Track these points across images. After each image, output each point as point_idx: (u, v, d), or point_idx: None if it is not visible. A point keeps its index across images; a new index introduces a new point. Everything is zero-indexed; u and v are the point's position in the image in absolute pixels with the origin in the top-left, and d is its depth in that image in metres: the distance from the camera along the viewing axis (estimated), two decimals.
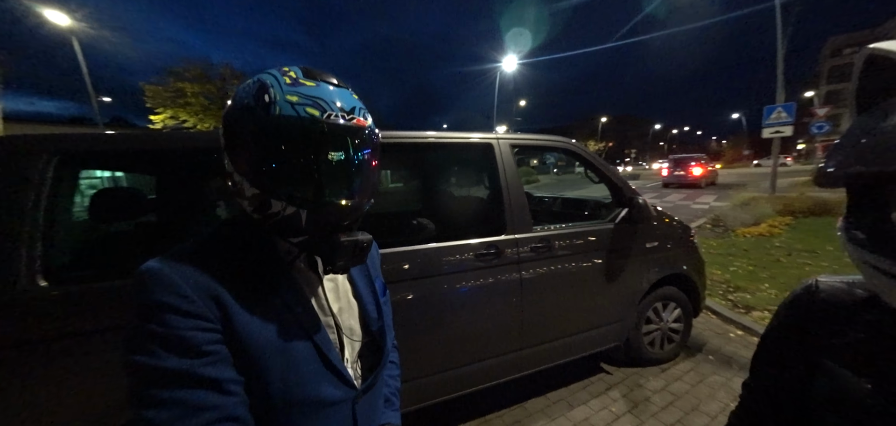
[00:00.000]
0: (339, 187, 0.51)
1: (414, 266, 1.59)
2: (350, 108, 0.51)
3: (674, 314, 2.45)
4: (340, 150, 0.51)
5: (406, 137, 1.72)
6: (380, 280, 0.71)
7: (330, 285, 0.60)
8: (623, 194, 2.21)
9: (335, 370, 0.53)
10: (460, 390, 1.79)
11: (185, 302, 0.43)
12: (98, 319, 1.12)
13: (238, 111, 0.49)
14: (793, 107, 8.93)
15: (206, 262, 0.48)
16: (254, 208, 0.51)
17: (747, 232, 6.10)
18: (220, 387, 0.43)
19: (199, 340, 0.43)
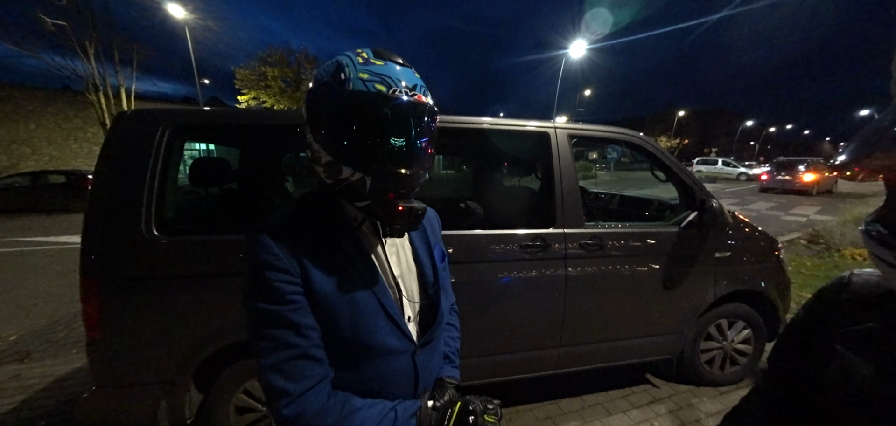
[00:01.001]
0: (398, 157, 0.57)
1: (459, 250, 1.63)
2: (412, 85, 0.57)
3: (741, 334, 2.19)
4: (401, 123, 0.57)
5: (460, 122, 1.74)
6: (439, 247, 0.78)
7: (391, 249, 0.68)
8: (694, 196, 1.99)
9: (394, 321, 0.61)
10: (494, 377, 1.83)
11: (277, 259, 0.53)
12: (195, 265, 1.37)
13: (318, 87, 0.57)
14: None
15: (291, 227, 0.57)
16: (328, 174, 0.59)
17: (858, 253, 5.09)
18: (300, 330, 0.53)
19: (286, 291, 0.53)
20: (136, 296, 1.33)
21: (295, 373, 0.52)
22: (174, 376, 1.41)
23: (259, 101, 20.16)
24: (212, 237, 1.41)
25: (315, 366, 0.54)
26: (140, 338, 1.35)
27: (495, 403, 0.65)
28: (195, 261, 1.38)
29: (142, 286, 1.33)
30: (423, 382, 0.66)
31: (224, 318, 1.40)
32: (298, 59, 21.29)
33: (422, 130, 0.59)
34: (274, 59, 20.21)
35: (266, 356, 0.52)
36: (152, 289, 1.34)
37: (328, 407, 0.54)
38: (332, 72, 0.55)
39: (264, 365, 0.52)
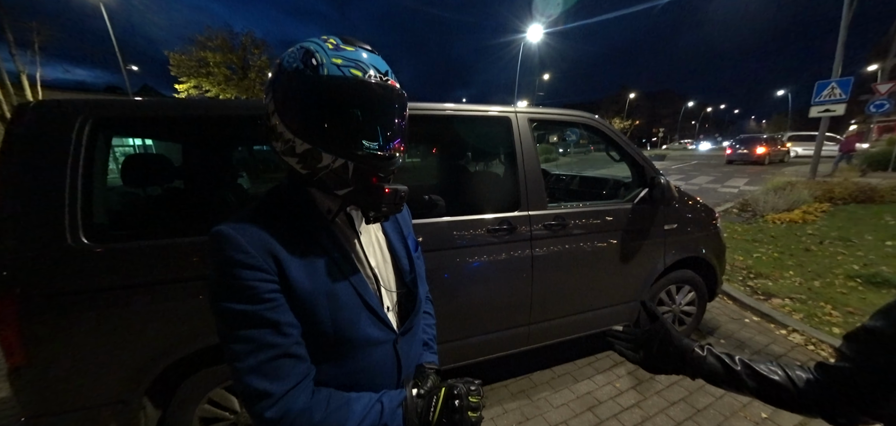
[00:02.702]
0: (380, 140, 0.57)
1: (429, 239, 1.64)
2: (384, 70, 0.57)
3: (687, 297, 2.42)
4: (381, 107, 0.57)
5: (424, 109, 1.72)
6: (412, 237, 0.79)
7: (367, 240, 0.67)
8: (645, 173, 2.14)
9: (375, 312, 0.61)
10: (469, 359, 1.87)
11: (248, 257, 0.51)
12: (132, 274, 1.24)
13: (287, 74, 0.54)
14: (849, 82, 8.07)
15: (262, 223, 0.55)
16: (304, 163, 0.56)
17: (778, 218, 5.80)
18: (279, 328, 0.51)
19: (261, 290, 0.51)
20: (65, 313, 1.17)
21: (276, 374, 0.50)
22: (124, 395, 1.29)
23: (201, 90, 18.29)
24: (156, 242, 1.28)
25: (297, 364, 0.53)
26: (77, 359, 1.21)
27: (477, 384, 0.67)
28: (137, 269, 1.24)
29: (72, 301, 1.18)
30: (405, 370, 0.67)
31: (178, 328, 1.29)
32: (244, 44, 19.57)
33: (396, 114, 0.59)
34: (215, 44, 18.31)
35: (243, 359, 0.50)
36: (86, 303, 1.19)
37: (313, 404, 0.53)
38: (301, 57, 0.54)
39: (241, 368, 0.50)
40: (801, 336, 2.54)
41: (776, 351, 2.40)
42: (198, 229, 1.32)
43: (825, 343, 2.43)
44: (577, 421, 1.88)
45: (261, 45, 20.16)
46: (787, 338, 2.55)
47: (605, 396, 2.04)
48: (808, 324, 2.66)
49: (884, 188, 6.72)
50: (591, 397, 2.03)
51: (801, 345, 2.48)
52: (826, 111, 8.33)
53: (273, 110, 0.56)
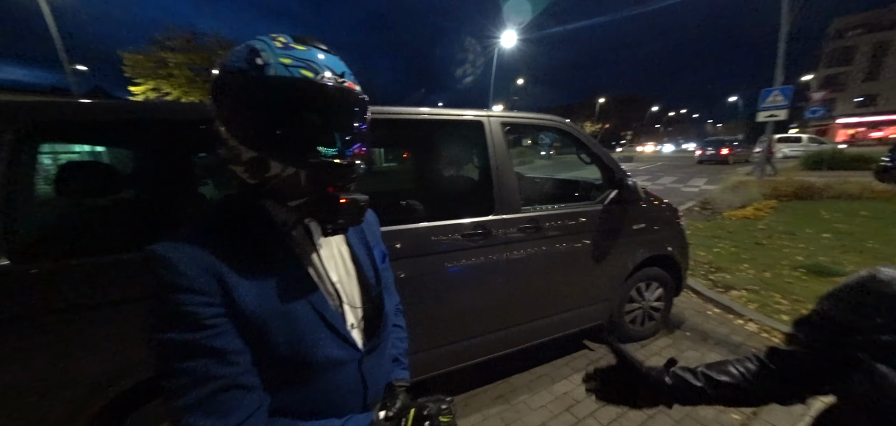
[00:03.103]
0: (335, 145, 0.53)
1: (405, 245, 1.60)
2: (340, 72, 0.53)
3: (656, 293, 2.52)
4: (336, 110, 0.53)
5: (400, 113, 1.68)
6: (379, 247, 0.75)
7: (327, 253, 0.62)
8: (614, 175, 2.21)
9: (336, 331, 0.57)
10: (448, 367, 1.84)
11: (187, 279, 0.46)
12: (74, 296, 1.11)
13: (229, 76, 0.50)
14: (790, 90, 8.91)
15: (206, 240, 0.50)
16: (251, 173, 0.52)
17: (734, 214, 6.22)
18: (224, 357, 0.46)
19: (202, 314, 0.46)
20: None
21: (222, 409, 0.45)
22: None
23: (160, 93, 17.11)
24: (98, 259, 1.15)
25: (246, 395, 0.48)
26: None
27: (448, 401, 0.64)
28: (74, 291, 1.11)
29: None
30: (372, 391, 0.63)
31: (122, 356, 1.17)
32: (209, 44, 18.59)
33: (355, 118, 0.55)
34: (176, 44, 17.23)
35: (183, 395, 0.44)
36: (6, 331, 1.05)
37: None
38: (245, 56, 0.49)
39: (182, 405, 0.44)
40: (756, 325, 2.71)
41: (735, 340, 2.54)
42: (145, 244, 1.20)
43: (776, 330, 2.60)
44: (555, 422, 1.89)
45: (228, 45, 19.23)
46: (744, 327, 2.72)
47: (582, 395, 2.06)
48: (762, 313, 2.85)
49: (819, 185, 7.39)
50: (569, 397, 2.06)
51: (756, 332, 2.64)
52: (771, 116, 9.11)
53: (216, 115, 0.52)
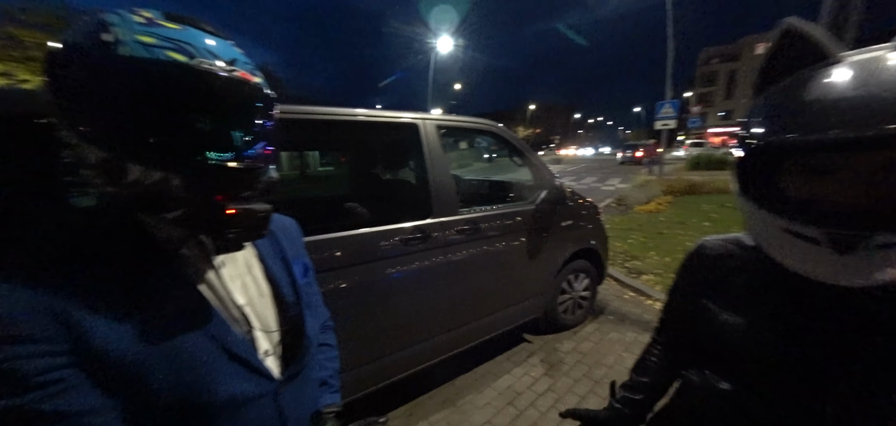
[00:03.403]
0: (229, 147, 0.44)
1: (341, 253, 1.50)
2: (230, 58, 0.44)
3: (583, 283, 2.76)
4: (223, 104, 0.44)
5: (330, 114, 1.58)
6: (301, 261, 0.67)
7: (232, 272, 0.53)
8: (543, 177, 2.36)
9: (244, 362, 0.49)
10: (392, 377, 1.78)
11: (13, 326, 0.35)
12: None
13: (67, 55, 0.39)
14: (677, 103, 10.70)
15: (45, 270, 0.39)
16: (104, 179, 0.41)
17: (642, 209, 7.19)
18: (70, 420, 0.37)
19: (33, 370, 0.35)
20: None
21: None
22: None
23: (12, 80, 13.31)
24: None
25: None
26: None
27: (383, 422, 0.59)
28: None
29: None
30: (293, 424, 0.55)
31: None
32: None
33: (253, 115, 0.47)
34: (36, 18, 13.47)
35: None
36: None
37: None
38: (89, 30, 0.39)
39: None
40: (662, 304, 3.15)
41: (647, 318, 2.91)
42: None
43: None
44: (499, 417, 1.94)
45: None
46: (653, 306, 3.13)
47: (523, 387, 2.16)
48: (664, 293, 3.32)
49: (701, 183, 8.96)
50: (511, 391, 2.13)
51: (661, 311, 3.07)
52: (665, 124, 10.81)
53: (53, 103, 0.40)
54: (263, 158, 0.49)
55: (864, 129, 0.38)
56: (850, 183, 0.42)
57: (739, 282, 0.59)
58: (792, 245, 0.46)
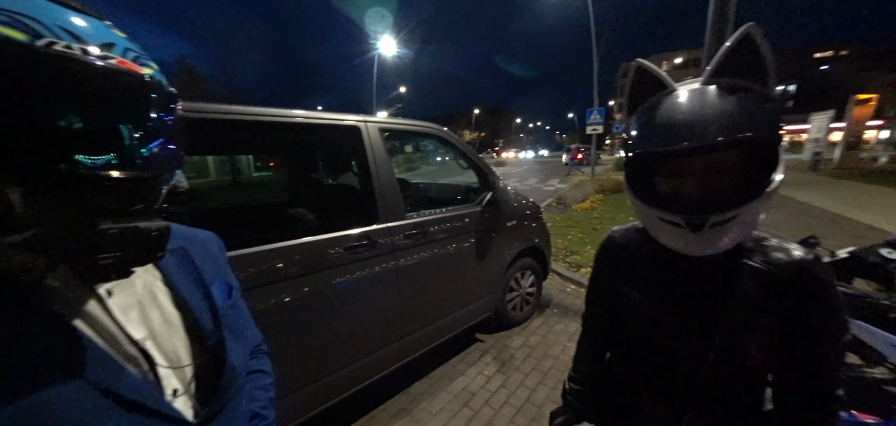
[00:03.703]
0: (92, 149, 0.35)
1: (281, 265, 1.38)
2: (104, 42, 0.36)
3: (529, 280, 2.89)
4: (85, 96, 0.34)
5: (264, 115, 1.45)
6: (222, 281, 0.59)
7: (122, 302, 0.44)
8: (487, 179, 2.42)
9: (143, 409, 0.41)
10: (342, 394, 1.68)
11: None
12: None
13: None
14: (603, 111, 11.90)
15: None
16: None
17: (579, 207, 7.81)
18: None
19: None
20: None
21: None
22: None
23: None
24: None
25: None
26: None
27: None
28: None
29: None
30: None
31: None
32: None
33: (132, 111, 0.38)
34: None
35: None
36: None
37: None
38: None
39: None
40: None
41: None
42: None
43: None
44: (455, 421, 1.93)
45: None
46: None
47: (477, 387, 2.18)
48: None
49: None
50: (466, 392, 2.14)
51: None
52: (594, 130, 11.94)
53: None
54: (160, 164, 0.41)
55: (693, 140, 0.53)
56: (692, 181, 0.57)
57: (639, 262, 0.72)
58: (665, 229, 0.60)
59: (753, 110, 0.53)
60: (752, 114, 0.52)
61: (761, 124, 0.52)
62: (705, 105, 0.55)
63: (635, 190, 0.64)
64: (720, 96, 0.55)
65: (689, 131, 0.54)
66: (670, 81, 0.63)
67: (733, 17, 2.14)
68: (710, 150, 0.54)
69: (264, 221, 1.88)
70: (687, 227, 0.55)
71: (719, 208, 0.53)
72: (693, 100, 0.57)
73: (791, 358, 0.56)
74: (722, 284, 0.60)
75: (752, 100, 0.53)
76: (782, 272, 0.56)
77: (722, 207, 0.53)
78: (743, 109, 0.53)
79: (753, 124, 0.52)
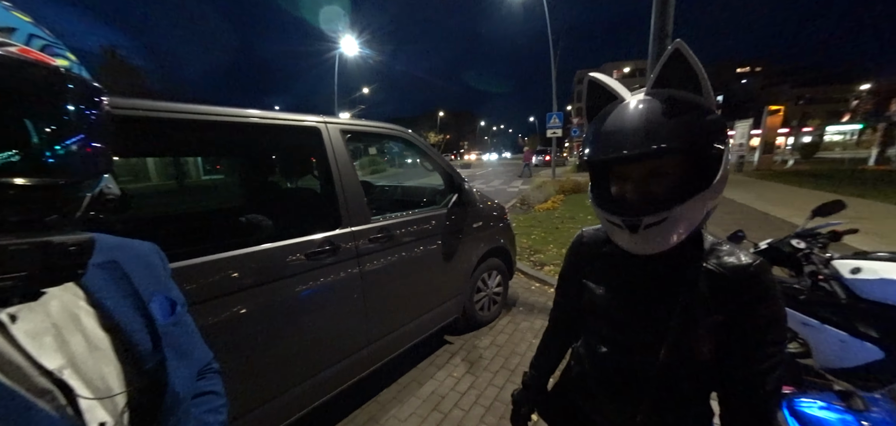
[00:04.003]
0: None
1: (236, 274, 1.29)
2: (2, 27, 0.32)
3: (496, 280, 2.95)
4: None
5: (215, 114, 1.34)
6: (162, 296, 0.54)
7: (31, 327, 0.38)
8: (453, 181, 2.44)
9: None
10: (306, 408, 1.59)
11: None
12: None
13: None
14: (562, 115, 12.49)
15: None
16: None
17: (541, 207, 8.13)
18: None
19: None
20: None
21: None
22: None
23: None
24: None
25: None
26: None
27: None
28: None
29: None
30: None
31: None
32: None
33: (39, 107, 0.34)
34: None
35: None
36: None
37: None
38: None
39: None
40: None
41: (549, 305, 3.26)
42: None
43: None
44: (425, 425, 1.91)
45: None
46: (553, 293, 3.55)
47: (447, 389, 2.17)
48: None
49: (585, 182, 10.64)
50: (436, 395, 2.12)
51: None
52: (553, 133, 12.52)
53: None
54: (79, 167, 0.36)
55: (629, 149, 0.57)
56: (632, 185, 0.62)
57: (602, 261, 0.77)
58: (613, 230, 0.65)
59: (686, 121, 0.57)
60: (685, 124, 0.57)
61: (691, 134, 0.56)
62: (642, 116, 0.59)
63: (592, 192, 0.69)
64: (658, 107, 0.58)
65: (626, 140, 0.58)
66: (620, 91, 0.66)
67: (671, 31, 2.35)
68: (642, 158, 0.58)
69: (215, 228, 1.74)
70: (626, 228, 0.61)
71: (652, 210, 0.58)
72: (633, 111, 0.61)
73: (739, 352, 0.60)
74: (676, 284, 0.63)
75: (686, 111, 0.57)
76: (732, 274, 0.60)
77: (654, 209, 0.58)
78: (676, 120, 0.57)
79: (684, 134, 0.56)
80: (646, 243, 0.61)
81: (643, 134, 0.57)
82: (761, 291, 0.59)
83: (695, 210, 0.58)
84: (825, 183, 10.44)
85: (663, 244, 0.60)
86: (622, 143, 0.58)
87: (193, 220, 2.16)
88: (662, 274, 0.66)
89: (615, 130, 0.61)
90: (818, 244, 1.40)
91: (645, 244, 0.61)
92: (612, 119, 0.62)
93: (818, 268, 1.30)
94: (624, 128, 0.59)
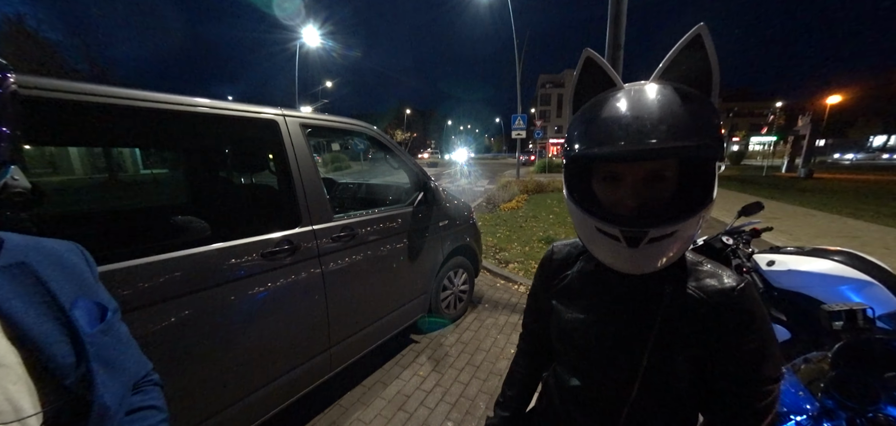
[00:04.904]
0: None
1: (180, 276, 1.18)
2: None
3: (462, 278, 2.98)
4: None
5: (157, 101, 1.22)
6: (89, 301, 0.49)
7: None
8: (419, 179, 2.43)
9: None
10: (263, 416, 1.51)
11: None
12: None
13: None
14: (526, 117, 12.96)
15: None
16: None
17: (506, 207, 8.35)
18: None
19: None
20: None
21: None
22: None
23: None
24: None
25: None
26: None
27: None
28: None
29: None
30: None
31: None
32: None
33: None
34: None
35: None
36: None
37: None
38: None
39: None
40: (524, 287, 3.71)
41: (515, 302, 3.37)
42: None
43: None
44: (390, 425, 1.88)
45: None
46: (518, 290, 3.66)
47: (412, 388, 2.16)
48: (525, 277, 3.94)
49: (547, 183, 11.14)
50: (401, 396, 2.10)
51: (525, 293, 3.62)
52: (518, 134, 12.94)
53: None
54: None
55: (638, 143, 0.47)
56: (631, 189, 0.52)
57: (576, 282, 0.67)
58: (602, 241, 0.54)
59: (706, 119, 0.48)
60: (706, 122, 0.47)
61: (711, 134, 0.47)
62: (661, 106, 0.48)
63: (573, 196, 0.57)
64: (676, 99, 0.48)
65: (634, 132, 0.47)
66: (618, 79, 0.57)
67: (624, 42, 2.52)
68: (654, 155, 0.47)
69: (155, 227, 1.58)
70: (624, 241, 0.50)
71: (659, 221, 0.48)
72: (639, 100, 0.50)
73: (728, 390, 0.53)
74: (654, 308, 0.56)
75: (703, 108, 0.49)
76: (713, 300, 0.53)
77: (661, 221, 0.48)
78: (697, 117, 0.47)
79: (707, 133, 0.47)
80: (643, 260, 0.51)
81: (665, 127, 0.46)
82: (745, 319, 0.52)
83: (696, 226, 0.50)
84: (749, 186, 11.90)
85: (655, 264, 0.52)
86: (639, 134, 0.47)
87: (130, 218, 1.94)
88: (640, 296, 0.58)
89: (628, 120, 0.48)
90: (743, 240, 1.57)
91: (642, 261, 0.51)
92: (619, 107, 0.51)
93: (743, 261, 1.46)
94: (640, 117, 0.48)
